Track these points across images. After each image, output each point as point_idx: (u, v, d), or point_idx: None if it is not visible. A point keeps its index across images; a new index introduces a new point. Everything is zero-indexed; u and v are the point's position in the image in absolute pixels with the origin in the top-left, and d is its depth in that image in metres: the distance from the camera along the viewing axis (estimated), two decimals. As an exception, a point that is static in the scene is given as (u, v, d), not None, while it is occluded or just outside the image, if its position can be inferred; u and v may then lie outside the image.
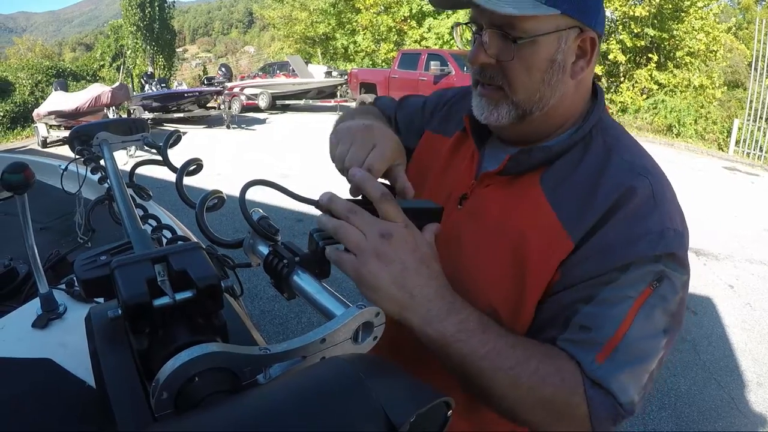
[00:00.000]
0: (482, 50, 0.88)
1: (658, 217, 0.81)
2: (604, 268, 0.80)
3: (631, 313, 0.78)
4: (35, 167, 1.21)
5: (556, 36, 0.85)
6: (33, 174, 1.09)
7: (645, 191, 0.82)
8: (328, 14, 26.36)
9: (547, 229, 0.85)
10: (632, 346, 0.78)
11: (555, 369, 0.78)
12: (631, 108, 19.54)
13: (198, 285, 0.58)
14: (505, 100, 0.91)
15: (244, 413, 0.43)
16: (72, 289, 1.34)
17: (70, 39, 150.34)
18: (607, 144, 0.91)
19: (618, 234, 0.80)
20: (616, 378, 0.78)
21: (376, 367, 0.51)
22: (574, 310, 0.81)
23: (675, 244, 0.80)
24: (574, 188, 0.87)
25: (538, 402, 0.77)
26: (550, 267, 0.83)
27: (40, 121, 13.01)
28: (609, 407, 0.78)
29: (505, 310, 0.88)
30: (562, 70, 0.88)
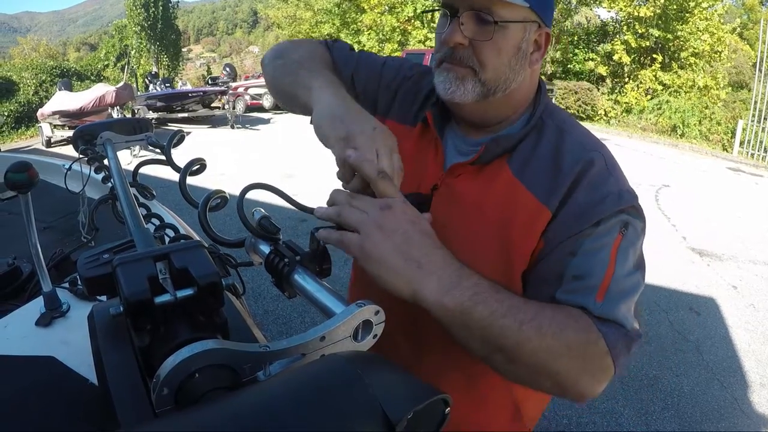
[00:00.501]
0: (459, 31, 0.94)
1: (614, 182, 0.94)
2: (580, 227, 0.90)
3: (612, 256, 0.88)
4: (39, 167, 1.21)
5: (523, 26, 0.95)
6: (36, 173, 1.09)
7: (600, 162, 0.95)
8: (332, 14, 26.35)
9: (524, 205, 0.95)
10: (620, 283, 0.88)
11: (566, 314, 0.83)
12: (635, 108, 19.53)
13: (199, 282, 0.58)
14: (473, 77, 0.97)
15: (242, 409, 0.43)
16: (75, 288, 1.34)
17: (75, 39, 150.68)
18: (558, 126, 1.02)
19: (586, 198, 0.92)
20: (618, 309, 0.86)
21: (373, 364, 0.51)
22: (563, 265, 0.90)
23: (631, 199, 0.93)
24: (540, 167, 0.97)
25: (564, 347, 0.80)
26: (532, 238, 0.93)
27: (44, 121, 13.03)
28: (621, 336, 0.85)
29: None
30: (524, 57, 0.98)
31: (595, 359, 0.83)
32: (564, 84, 19.94)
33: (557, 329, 0.80)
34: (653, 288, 5.00)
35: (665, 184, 9.39)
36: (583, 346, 0.82)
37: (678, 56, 19.92)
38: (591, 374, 0.83)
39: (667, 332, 4.23)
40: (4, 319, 1.25)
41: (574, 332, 0.81)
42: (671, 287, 5.07)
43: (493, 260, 0.96)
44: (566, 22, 22.52)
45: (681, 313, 4.60)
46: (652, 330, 4.23)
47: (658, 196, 8.49)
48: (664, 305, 4.68)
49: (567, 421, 3.14)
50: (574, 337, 0.81)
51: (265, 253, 0.80)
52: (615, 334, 0.84)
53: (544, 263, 0.93)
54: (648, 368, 3.71)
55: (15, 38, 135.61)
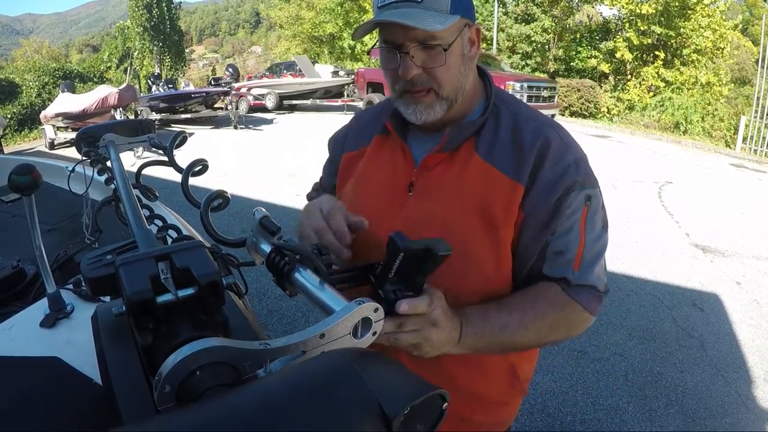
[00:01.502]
0: (412, 64, 1.05)
1: (571, 153, 1.10)
2: (552, 198, 1.06)
3: (581, 228, 1.09)
4: (42, 169, 1.22)
5: (460, 36, 1.07)
6: (40, 175, 1.11)
7: (556, 138, 1.11)
8: (335, 14, 26.34)
9: (499, 185, 1.08)
10: (591, 249, 1.11)
11: (544, 301, 1.08)
12: (638, 106, 19.47)
13: (200, 282, 0.59)
14: (437, 98, 1.10)
15: (241, 405, 0.44)
16: (79, 289, 1.36)
17: (77, 40, 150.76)
18: (511, 110, 1.17)
19: (552, 172, 1.07)
20: (591, 274, 1.11)
21: (371, 361, 0.52)
22: (545, 243, 1.09)
23: (585, 168, 1.11)
24: (504, 148, 1.11)
25: (550, 329, 1.09)
26: (513, 212, 1.07)
27: (47, 123, 13.07)
28: (594, 296, 1.12)
29: (492, 269, 1.11)
30: (468, 59, 1.11)
31: (576, 321, 1.13)
32: (567, 82, 19.88)
33: (540, 319, 1.07)
34: (657, 284, 5.00)
35: (668, 181, 9.37)
36: (564, 318, 1.10)
37: (680, 53, 19.84)
38: (576, 330, 1.14)
39: (671, 328, 4.23)
40: (9, 321, 1.26)
41: (553, 313, 1.08)
42: (675, 283, 5.07)
43: (481, 241, 1.09)
44: (568, 20, 22.49)
45: (684, 309, 4.59)
46: (656, 326, 4.23)
47: (662, 193, 8.47)
48: (668, 302, 4.67)
49: (571, 418, 3.15)
50: (554, 318, 1.09)
51: (266, 252, 0.81)
52: (588, 295, 1.11)
53: (526, 234, 1.09)
54: (652, 365, 3.70)
55: (17, 40, 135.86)
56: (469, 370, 1.18)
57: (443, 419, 0.52)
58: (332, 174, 1.41)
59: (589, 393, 3.36)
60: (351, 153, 1.34)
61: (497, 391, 1.25)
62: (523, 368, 1.27)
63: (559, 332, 1.12)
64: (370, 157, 1.28)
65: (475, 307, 1.05)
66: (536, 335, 1.08)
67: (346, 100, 18.13)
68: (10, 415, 0.93)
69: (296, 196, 7.44)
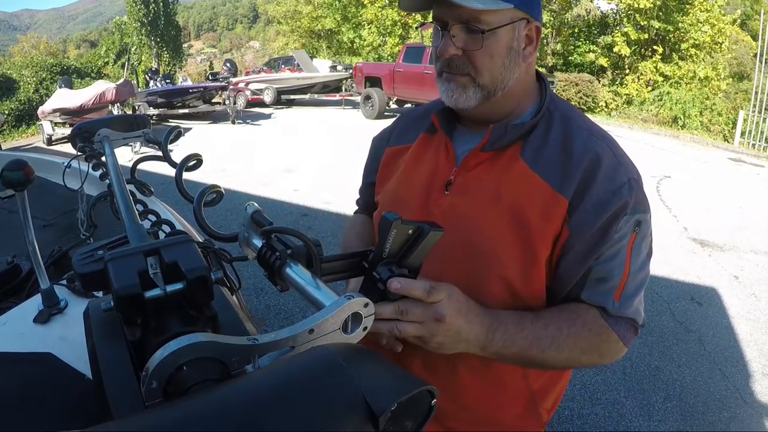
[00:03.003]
0: (451, 43, 1.02)
1: (623, 171, 1.03)
2: (601, 218, 1.00)
3: (627, 256, 1.03)
4: (38, 164, 1.23)
5: (511, 26, 1.02)
6: (32, 171, 1.10)
7: (608, 154, 1.04)
8: (332, 8, 26.28)
9: (539, 194, 1.03)
10: (634, 278, 1.05)
11: (581, 324, 1.03)
12: (636, 100, 19.48)
13: (188, 277, 0.59)
14: (472, 83, 1.06)
15: (226, 401, 0.44)
16: (73, 285, 1.35)
17: (75, 36, 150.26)
18: (564, 116, 1.11)
19: (603, 190, 1.00)
20: (631, 305, 1.05)
21: (358, 356, 0.52)
22: (588, 269, 1.03)
23: (638, 190, 1.03)
24: (551, 156, 1.05)
25: (581, 352, 1.03)
26: (552, 225, 1.02)
27: (45, 119, 13.06)
28: (630, 328, 1.08)
29: (518, 278, 1.04)
30: (517, 55, 1.05)
31: (608, 349, 1.07)
32: (565, 76, 19.86)
33: (573, 342, 1.01)
34: (655, 279, 5.00)
35: (666, 175, 9.38)
36: (598, 345, 1.05)
37: (678, 47, 19.85)
38: (607, 358, 1.10)
39: (669, 323, 4.23)
40: (3, 317, 1.26)
41: (588, 338, 1.03)
42: (673, 278, 5.08)
43: (512, 248, 1.04)
44: (567, 14, 22.45)
45: (683, 303, 4.60)
46: (654, 321, 4.24)
47: (660, 187, 8.48)
48: (666, 296, 4.68)
49: (569, 412, 3.15)
50: (588, 342, 1.03)
51: (258, 247, 0.80)
52: (625, 326, 1.07)
53: (571, 256, 1.03)
54: (650, 359, 3.71)
55: (15, 36, 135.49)
56: (485, 384, 1.13)
57: (432, 415, 0.52)
58: (372, 171, 1.37)
59: (587, 387, 3.37)
60: (394, 147, 1.31)
61: (510, 415, 1.17)
62: (544, 398, 1.20)
63: (590, 357, 1.06)
64: (414, 154, 1.24)
65: (511, 312, 1.01)
66: (567, 356, 1.02)
67: (344, 94, 18.13)
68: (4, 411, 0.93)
69: (294, 191, 7.44)
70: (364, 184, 1.45)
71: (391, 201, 1.23)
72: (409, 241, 0.80)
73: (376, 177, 1.34)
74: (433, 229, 0.78)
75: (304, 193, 7.41)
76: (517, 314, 1.01)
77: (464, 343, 0.93)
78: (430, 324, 0.87)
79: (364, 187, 1.45)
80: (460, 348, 0.94)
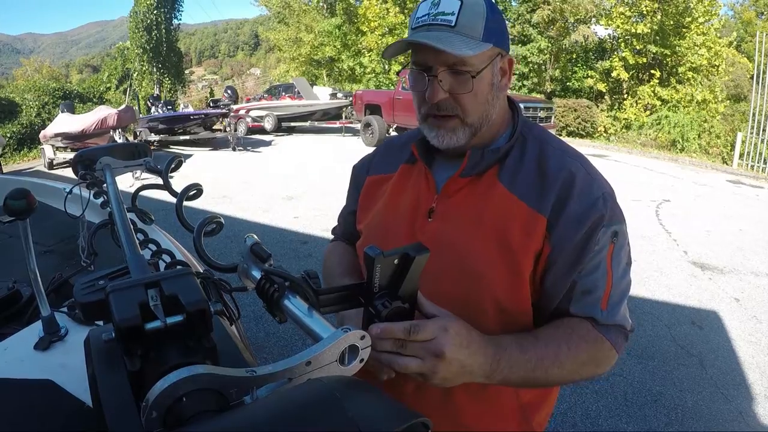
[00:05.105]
0: (439, 88, 1.07)
1: (597, 186, 1.08)
2: (580, 232, 1.04)
3: (608, 266, 1.07)
4: (40, 190, 1.24)
5: (491, 64, 1.08)
6: (35, 200, 1.11)
7: (581, 171, 1.09)
8: (333, 36, 26.54)
9: (519, 214, 1.07)
10: (618, 287, 1.09)
11: (578, 338, 1.05)
12: (635, 124, 19.59)
13: (187, 309, 0.60)
14: (461, 125, 1.11)
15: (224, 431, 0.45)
16: (73, 312, 1.36)
17: (77, 61, 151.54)
18: (538, 138, 1.16)
19: (579, 206, 1.05)
20: (618, 313, 1.09)
21: (354, 389, 0.52)
22: (573, 282, 1.06)
23: (612, 203, 1.08)
24: (528, 177, 1.10)
25: (581, 365, 1.06)
26: (534, 242, 1.05)
27: (46, 143, 13.12)
28: (620, 334, 1.11)
29: (507, 297, 1.07)
30: (497, 89, 1.12)
31: (603, 357, 1.09)
32: (563, 102, 20.03)
33: (573, 356, 1.03)
34: (655, 303, 5.00)
35: (666, 199, 9.40)
36: (593, 355, 1.07)
37: (676, 71, 20.03)
38: (603, 368, 1.11)
39: (670, 347, 4.22)
40: (4, 343, 1.26)
41: (586, 350, 1.06)
42: (673, 302, 5.06)
43: (499, 267, 1.06)
44: (564, 40, 22.69)
45: (683, 327, 4.58)
46: (655, 345, 4.22)
47: (659, 211, 8.49)
48: (667, 320, 4.67)
49: (570, 438, 3.13)
50: (587, 354, 1.06)
51: (257, 279, 0.81)
52: (616, 333, 1.10)
53: (554, 271, 1.06)
54: (651, 384, 3.69)
55: (18, 59, 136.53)
56: (479, 404, 1.14)
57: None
58: (354, 200, 1.41)
59: (588, 414, 3.35)
60: (375, 177, 1.34)
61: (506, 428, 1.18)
62: (536, 412, 1.22)
63: (588, 369, 1.08)
64: (396, 185, 1.27)
65: (512, 337, 1.01)
66: (568, 371, 1.04)
67: (345, 122, 18.23)
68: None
69: (294, 218, 7.45)
70: (345, 213, 1.47)
71: (376, 231, 1.25)
72: (397, 271, 0.80)
73: (357, 206, 1.37)
74: (419, 254, 0.78)
75: (305, 220, 7.41)
76: (518, 338, 1.01)
77: (468, 375, 0.92)
78: (430, 360, 0.86)
79: (344, 216, 1.47)
80: (465, 380, 0.92)
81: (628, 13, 19.59)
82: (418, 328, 0.84)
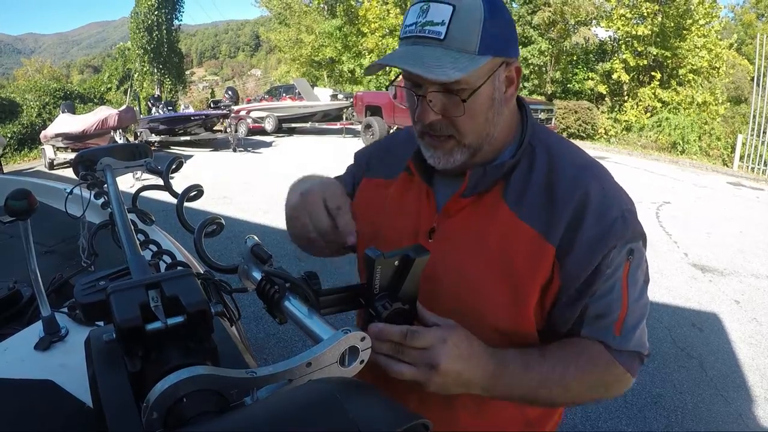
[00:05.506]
0: (429, 109, 0.96)
1: (615, 205, 0.97)
2: (595, 260, 0.94)
3: (624, 287, 0.98)
4: (40, 190, 1.24)
5: (491, 78, 0.95)
6: (36, 200, 1.12)
7: (596, 189, 0.97)
8: (333, 38, 26.55)
9: (525, 240, 0.97)
10: (634, 309, 1.00)
11: (587, 361, 0.99)
12: (635, 126, 19.59)
13: (188, 310, 0.60)
14: (457, 146, 1.00)
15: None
16: (74, 313, 1.36)
17: (78, 61, 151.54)
18: (548, 149, 1.04)
19: (595, 231, 0.94)
20: (633, 338, 1.01)
21: (354, 390, 0.53)
22: (584, 306, 0.98)
23: (633, 222, 0.98)
24: (535, 197, 0.99)
25: (589, 389, 1.00)
26: (541, 273, 0.96)
27: (47, 143, 13.12)
28: (635, 359, 1.04)
29: (509, 325, 1.00)
30: (500, 103, 0.99)
31: (614, 382, 1.03)
32: (564, 104, 20.03)
33: (581, 379, 0.97)
34: (655, 305, 4.99)
35: (666, 201, 9.40)
36: (603, 379, 1.01)
37: (676, 73, 20.02)
38: (614, 392, 1.05)
39: (670, 349, 4.21)
40: (4, 343, 1.26)
41: (595, 374, 0.99)
42: (673, 304, 5.06)
43: (501, 298, 0.99)
44: (565, 42, 22.69)
45: (684, 329, 4.58)
46: (655, 347, 4.21)
47: (659, 213, 8.49)
48: (667, 322, 4.67)
49: (569, 440, 3.13)
50: (595, 378, 1.00)
51: (257, 280, 0.81)
52: (629, 358, 1.02)
53: (564, 300, 0.98)
54: (651, 386, 3.69)
55: (19, 60, 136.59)
56: (482, 420, 1.09)
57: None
58: (349, 184, 1.29)
59: (588, 416, 3.34)
60: (373, 180, 1.24)
61: None
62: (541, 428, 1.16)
63: (597, 393, 1.02)
64: (395, 196, 1.17)
65: (517, 353, 0.96)
66: (574, 394, 0.99)
67: (345, 123, 18.22)
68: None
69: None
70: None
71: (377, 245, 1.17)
72: (397, 273, 0.80)
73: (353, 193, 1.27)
74: (419, 256, 0.79)
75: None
76: (524, 354, 0.96)
77: (465, 387, 0.89)
78: (424, 369, 0.84)
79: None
80: (462, 391, 0.89)
81: (628, 15, 19.58)
82: (414, 334, 0.82)
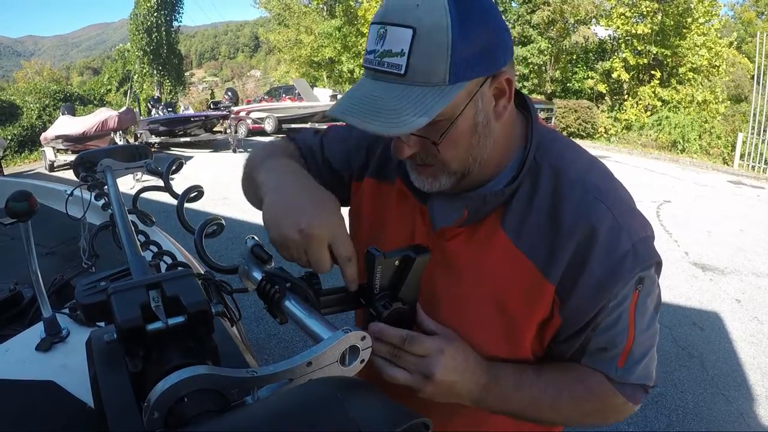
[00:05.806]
0: (404, 146, 0.87)
1: (626, 236, 0.86)
2: (600, 302, 0.87)
3: (631, 318, 0.90)
4: (41, 192, 1.24)
5: (473, 101, 0.82)
6: (37, 202, 1.12)
7: (606, 217, 0.86)
8: (333, 38, 26.55)
9: (523, 275, 0.90)
10: (641, 342, 0.93)
11: (584, 389, 0.94)
12: (635, 125, 19.58)
13: (189, 310, 0.60)
14: (442, 172, 0.90)
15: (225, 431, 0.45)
16: (75, 313, 1.36)
17: (78, 63, 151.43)
18: (555, 166, 0.92)
19: (603, 269, 0.85)
20: (637, 370, 0.94)
21: (354, 389, 0.53)
22: (587, 339, 0.92)
23: (645, 253, 0.88)
24: (537, 225, 0.90)
25: (583, 415, 0.97)
26: (539, 311, 0.91)
27: (47, 145, 13.11)
28: (638, 390, 0.97)
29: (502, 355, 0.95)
30: (486, 124, 0.87)
31: (613, 411, 0.98)
32: (564, 103, 20.04)
33: (574, 406, 0.94)
34: (656, 304, 4.99)
35: (666, 200, 9.40)
36: (602, 409, 0.97)
37: (676, 72, 20.03)
38: (611, 418, 1.00)
39: (671, 348, 4.21)
40: (6, 344, 1.26)
41: (591, 402, 0.95)
42: (674, 303, 5.06)
43: (494, 330, 0.94)
44: (565, 41, 22.69)
45: (684, 328, 4.58)
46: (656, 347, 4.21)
47: (660, 212, 8.49)
48: (668, 321, 4.66)
49: (571, 439, 3.13)
50: (591, 406, 0.95)
51: (257, 280, 0.82)
52: (632, 390, 0.96)
53: (563, 334, 0.93)
54: (652, 385, 3.69)
55: (19, 62, 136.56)
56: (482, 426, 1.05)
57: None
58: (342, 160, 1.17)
59: (589, 414, 3.34)
60: (374, 181, 1.13)
61: None
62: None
63: (591, 419, 0.98)
64: (393, 206, 1.09)
65: (512, 370, 0.93)
66: (565, 418, 0.97)
67: (344, 124, 18.19)
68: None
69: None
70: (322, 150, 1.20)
71: None
72: (398, 273, 0.80)
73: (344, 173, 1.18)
74: (420, 255, 0.78)
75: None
76: (518, 372, 0.93)
77: (456, 398, 0.88)
78: (418, 377, 0.83)
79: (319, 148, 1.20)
80: (453, 401, 0.89)
81: (628, 14, 19.59)
82: (413, 340, 0.82)
